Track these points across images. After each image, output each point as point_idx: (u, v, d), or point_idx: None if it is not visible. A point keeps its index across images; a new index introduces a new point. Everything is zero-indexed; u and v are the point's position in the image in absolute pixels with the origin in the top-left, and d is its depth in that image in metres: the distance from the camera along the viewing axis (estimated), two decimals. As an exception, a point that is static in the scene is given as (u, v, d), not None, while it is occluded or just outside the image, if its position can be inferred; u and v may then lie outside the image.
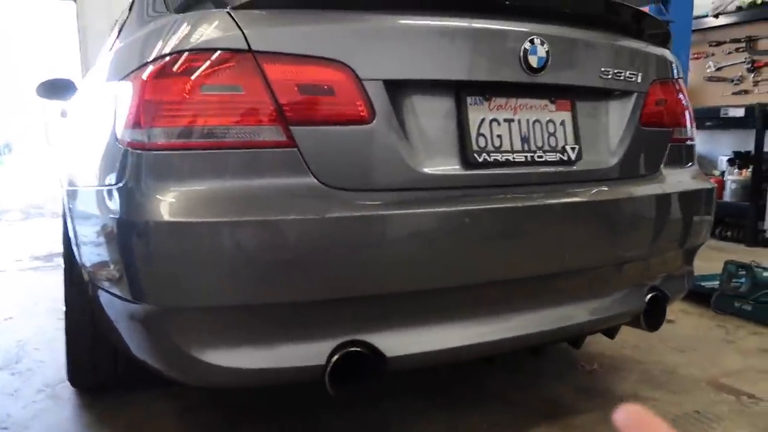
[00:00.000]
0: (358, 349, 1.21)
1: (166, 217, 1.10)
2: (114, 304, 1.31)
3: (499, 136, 1.37)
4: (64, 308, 1.75)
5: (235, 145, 1.15)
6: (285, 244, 1.13)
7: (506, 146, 1.38)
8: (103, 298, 1.38)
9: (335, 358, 1.19)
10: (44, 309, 2.84)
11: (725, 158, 5.08)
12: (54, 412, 1.76)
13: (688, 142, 1.78)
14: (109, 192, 1.23)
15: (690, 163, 1.78)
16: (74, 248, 1.58)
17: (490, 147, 1.36)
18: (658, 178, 1.64)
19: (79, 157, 1.56)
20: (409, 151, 1.27)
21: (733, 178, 4.84)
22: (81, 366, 1.77)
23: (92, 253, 1.36)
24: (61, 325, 1.80)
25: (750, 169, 4.76)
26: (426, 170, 1.28)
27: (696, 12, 4.91)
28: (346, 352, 1.20)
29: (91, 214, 1.31)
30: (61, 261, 1.82)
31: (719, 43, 5.42)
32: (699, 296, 2.89)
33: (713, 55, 5.49)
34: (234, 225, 1.11)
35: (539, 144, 1.42)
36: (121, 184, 1.17)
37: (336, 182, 1.19)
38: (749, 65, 5.23)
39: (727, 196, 4.84)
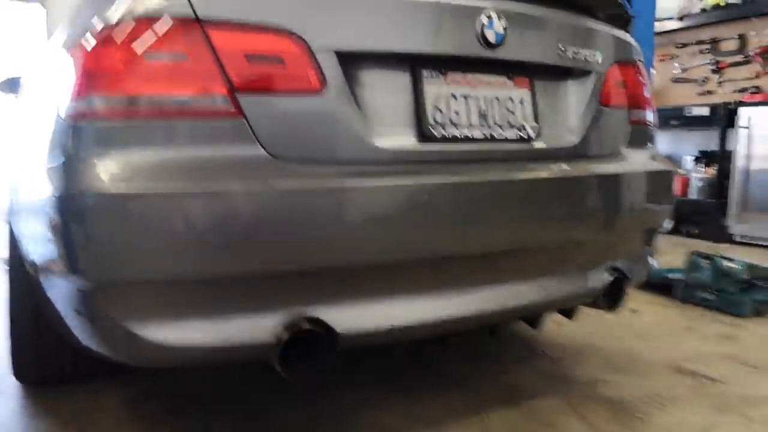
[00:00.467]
0: (309, 326, 1.17)
1: (109, 189, 1.05)
2: (57, 288, 1.26)
3: (456, 111, 1.35)
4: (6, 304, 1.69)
5: (181, 114, 1.10)
6: (231, 215, 1.09)
7: (464, 122, 1.36)
8: (47, 284, 1.32)
9: (285, 335, 1.15)
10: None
11: (691, 157, 5.17)
12: (-2, 405, 1.68)
13: (648, 125, 1.78)
14: (52, 169, 1.17)
15: (650, 145, 1.79)
16: (18, 238, 1.52)
17: (447, 122, 1.33)
18: (618, 158, 1.64)
19: (23, 139, 1.50)
20: (363, 123, 1.24)
21: (699, 176, 4.92)
22: (25, 360, 1.70)
23: (35, 237, 1.30)
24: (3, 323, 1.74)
25: (715, 168, 4.85)
26: (380, 144, 1.25)
27: (662, 15, 5.00)
28: (297, 330, 1.16)
29: (35, 195, 1.26)
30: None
31: (684, 45, 5.53)
32: (664, 288, 2.92)
33: (679, 57, 5.59)
34: (179, 196, 1.06)
35: (498, 121, 1.41)
36: (64, 159, 1.11)
37: (285, 153, 1.16)
38: (714, 66, 5.34)
39: (693, 194, 4.93)
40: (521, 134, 1.44)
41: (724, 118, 4.66)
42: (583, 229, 1.55)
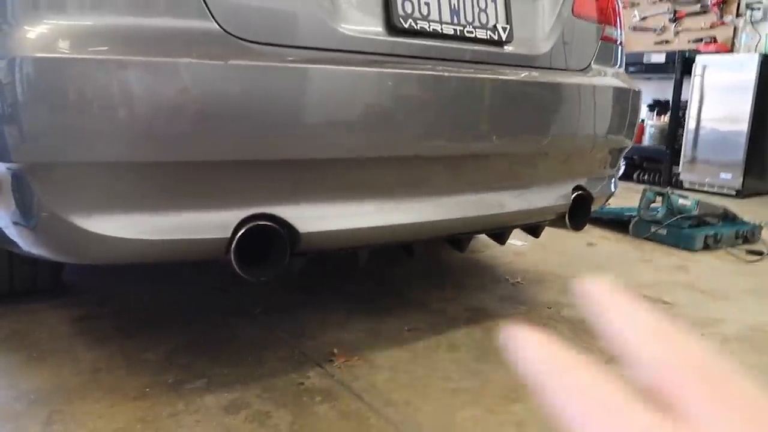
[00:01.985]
0: (268, 222, 1.10)
1: (37, 52, 0.93)
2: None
3: (426, 3, 1.26)
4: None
5: (122, -25, 0.98)
6: (177, 91, 0.98)
7: (434, 15, 1.27)
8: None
9: (242, 231, 1.07)
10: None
11: (645, 105, 5.23)
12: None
13: (618, 43, 1.74)
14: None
15: (619, 65, 1.75)
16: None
17: (416, 14, 1.25)
18: (587, 72, 1.60)
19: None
20: (328, 7, 1.14)
21: (652, 123, 4.99)
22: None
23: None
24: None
25: (668, 116, 4.92)
26: (345, 30, 1.16)
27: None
28: (254, 225, 1.08)
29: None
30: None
31: (644, -7, 5.51)
32: (619, 224, 2.96)
33: (638, 5, 5.59)
34: (120, 64, 0.95)
35: (469, 18, 1.33)
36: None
37: (242, 32, 1.05)
38: (671, 15, 5.35)
39: (646, 141, 5.00)
40: (492, 35, 1.37)
41: (680, 66, 4.70)
42: (550, 141, 1.51)
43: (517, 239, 2.49)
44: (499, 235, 1.68)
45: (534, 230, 1.69)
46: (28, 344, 1.43)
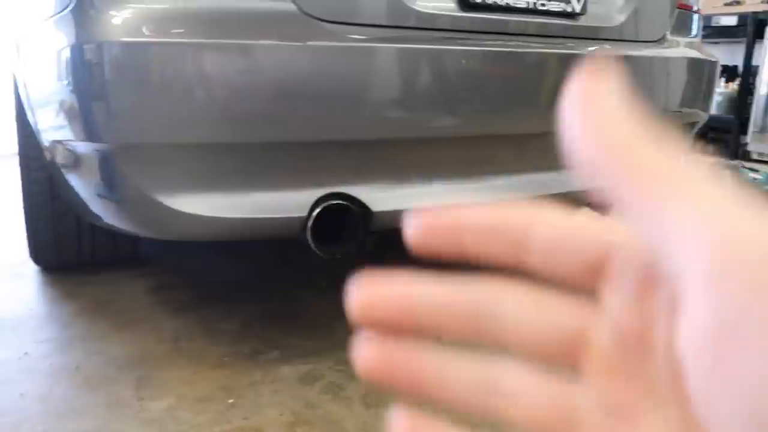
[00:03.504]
0: (343, 201, 1.12)
1: (124, 37, 0.96)
2: (78, 161, 1.20)
3: (499, -24, 1.24)
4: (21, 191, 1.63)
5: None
6: (258, 73, 1.00)
7: (507, -12, 1.24)
8: (62, 157, 1.26)
9: (318, 209, 1.09)
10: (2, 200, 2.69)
11: (712, 72, 4.98)
12: (15, 289, 1.66)
13: (694, 11, 1.66)
14: (60, 20, 1.08)
15: (695, 35, 1.67)
16: (28, 114, 1.44)
17: (489, -13, 1.22)
18: (663, 43, 1.53)
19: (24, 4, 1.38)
20: (401, -17, 1.13)
21: (720, 90, 4.75)
22: (43, 243, 1.66)
23: (48, 106, 1.21)
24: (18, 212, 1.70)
25: (737, 82, 4.68)
26: (419, 7, 1.14)
27: None
28: (330, 204, 1.10)
29: (43, 55, 1.17)
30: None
31: (715, -49, 5.20)
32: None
33: (708, -36, 5.28)
34: (201, 47, 0.97)
35: (542, -10, 1.29)
36: (75, 4, 1.02)
37: (319, 12, 1.05)
38: (744, -25, 5.04)
39: (713, 109, 4.78)
40: (566, 7, 1.33)
41: (752, 29, 4.44)
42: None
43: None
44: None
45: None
46: (112, 312, 1.52)
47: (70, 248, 1.65)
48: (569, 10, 1.33)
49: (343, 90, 1.06)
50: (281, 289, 1.70)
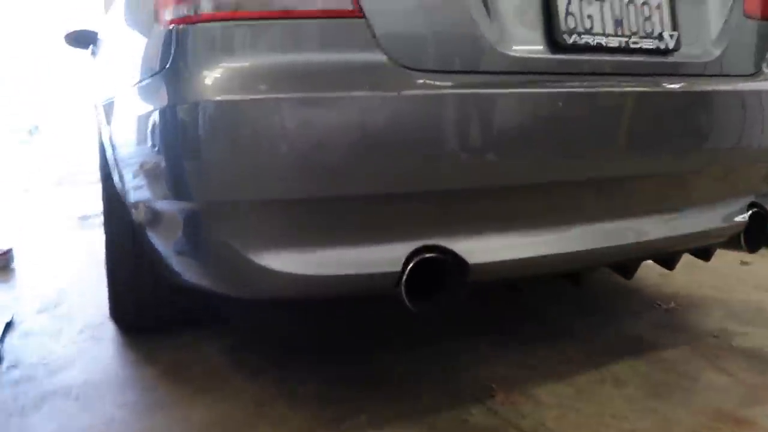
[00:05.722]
0: (438, 254, 1.06)
1: (218, 96, 0.95)
2: (162, 220, 1.19)
3: (589, 16, 1.19)
4: (104, 251, 1.65)
5: (295, 14, 0.99)
6: (351, 126, 0.97)
7: (597, 28, 1.19)
8: (148, 216, 1.25)
9: (412, 263, 1.04)
10: (84, 262, 2.75)
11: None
12: (96, 351, 1.65)
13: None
14: (151, 84, 1.09)
15: (792, 66, 1.58)
16: (114, 176, 1.46)
17: (579, 28, 1.17)
18: (760, 76, 1.44)
19: (114, 64, 1.42)
20: (491, 28, 1.09)
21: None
22: (123, 302, 1.66)
23: (136, 165, 1.22)
24: (102, 274, 1.71)
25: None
26: (509, 51, 1.10)
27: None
28: (424, 258, 1.04)
29: (133, 118, 1.18)
30: (97, 221, 1.71)
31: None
32: (772, 240, 2.68)
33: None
34: (293, 101, 0.95)
35: (633, 28, 1.24)
36: (166, 68, 1.02)
37: (409, 61, 1.03)
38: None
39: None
40: (659, 44, 1.27)
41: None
42: (723, 155, 1.37)
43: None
44: (668, 260, 1.54)
45: (705, 253, 1.54)
46: (190, 376, 1.48)
47: (150, 307, 1.63)
48: (662, 47, 1.27)
49: (436, 139, 1.02)
50: (359, 347, 1.63)
